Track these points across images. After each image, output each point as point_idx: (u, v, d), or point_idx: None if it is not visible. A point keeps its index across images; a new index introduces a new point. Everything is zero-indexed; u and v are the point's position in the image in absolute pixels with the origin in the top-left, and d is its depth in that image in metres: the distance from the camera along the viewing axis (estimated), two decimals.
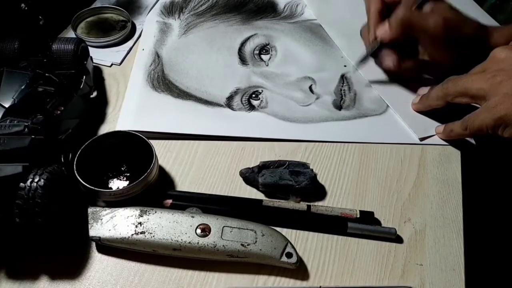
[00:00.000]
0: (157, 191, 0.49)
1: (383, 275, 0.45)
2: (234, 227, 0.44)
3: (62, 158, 0.48)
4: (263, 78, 0.61)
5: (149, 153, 0.48)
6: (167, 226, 0.44)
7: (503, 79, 0.48)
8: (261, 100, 0.59)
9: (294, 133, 0.55)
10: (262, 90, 0.60)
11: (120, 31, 0.66)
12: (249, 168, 0.51)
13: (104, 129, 0.56)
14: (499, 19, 0.68)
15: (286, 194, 0.50)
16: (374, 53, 0.59)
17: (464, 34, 0.55)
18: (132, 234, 0.44)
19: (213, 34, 0.67)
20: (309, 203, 0.49)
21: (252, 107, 0.58)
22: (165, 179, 0.51)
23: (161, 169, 0.52)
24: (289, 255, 0.44)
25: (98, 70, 0.62)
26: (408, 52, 0.58)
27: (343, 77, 0.62)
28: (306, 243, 0.47)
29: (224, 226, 0.44)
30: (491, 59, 0.51)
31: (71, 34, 0.66)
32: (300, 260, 0.44)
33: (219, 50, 0.65)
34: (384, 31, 0.56)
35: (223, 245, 0.43)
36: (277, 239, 0.44)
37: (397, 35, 0.55)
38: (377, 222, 0.48)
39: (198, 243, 0.43)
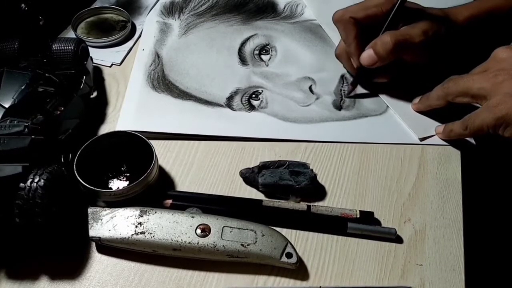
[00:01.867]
0: (157, 191, 0.49)
1: (383, 275, 0.45)
2: (234, 227, 0.44)
3: (62, 158, 0.48)
4: (263, 78, 0.61)
5: (149, 153, 0.48)
6: (167, 226, 0.44)
7: (504, 79, 0.48)
8: (261, 100, 0.59)
9: (294, 133, 0.55)
10: (262, 90, 0.60)
11: (120, 31, 0.66)
12: (249, 168, 0.51)
13: (104, 129, 0.56)
14: None
15: (286, 194, 0.50)
16: (359, 78, 0.59)
17: (441, 32, 0.55)
18: (132, 234, 0.44)
19: (213, 34, 0.67)
20: (309, 203, 0.49)
21: (252, 107, 0.58)
22: (165, 179, 0.51)
23: (161, 169, 0.52)
24: (289, 255, 0.44)
25: (98, 70, 0.62)
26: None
27: (343, 77, 0.62)
28: (306, 243, 0.47)
29: (224, 226, 0.44)
30: (492, 59, 0.51)
31: (71, 34, 0.66)
32: (300, 260, 0.44)
33: (219, 50, 0.65)
34: (370, 59, 0.55)
35: (223, 245, 0.43)
36: (277, 239, 0.44)
37: (387, 61, 0.55)
38: (377, 222, 0.48)
39: (198, 243, 0.43)
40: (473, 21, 0.57)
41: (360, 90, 0.60)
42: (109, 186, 0.47)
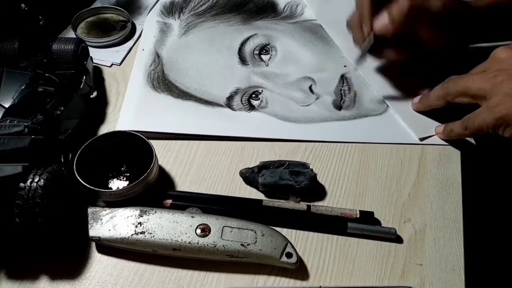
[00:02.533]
0: (157, 191, 0.49)
1: (383, 275, 0.45)
2: (234, 227, 0.44)
3: (62, 158, 0.48)
4: (263, 78, 0.61)
5: (149, 153, 0.48)
6: (167, 226, 0.44)
7: (504, 79, 0.48)
8: (261, 100, 0.59)
9: (294, 133, 0.55)
10: (262, 90, 0.60)
11: (120, 31, 0.66)
12: (249, 168, 0.51)
13: (104, 129, 0.56)
14: None
15: (286, 194, 0.50)
16: (371, 47, 0.57)
17: (459, 11, 0.54)
18: (132, 234, 0.44)
19: (213, 34, 0.67)
20: (309, 203, 0.49)
21: (252, 107, 0.58)
22: (165, 179, 0.51)
23: (161, 169, 0.52)
24: (289, 255, 0.44)
25: (98, 70, 0.62)
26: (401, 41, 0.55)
27: (343, 77, 0.62)
28: (306, 243, 0.47)
29: (224, 226, 0.44)
30: (492, 59, 0.51)
31: (71, 34, 0.66)
32: (300, 260, 0.44)
33: (219, 50, 0.65)
34: (384, 25, 0.53)
35: (223, 245, 0.43)
36: (277, 239, 0.44)
37: (401, 28, 0.53)
38: (377, 222, 0.48)
39: (198, 243, 0.43)
40: (495, 9, 0.55)
41: (359, 100, 0.59)
42: (109, 186, 0.47)
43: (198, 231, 0.44)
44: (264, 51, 0.64)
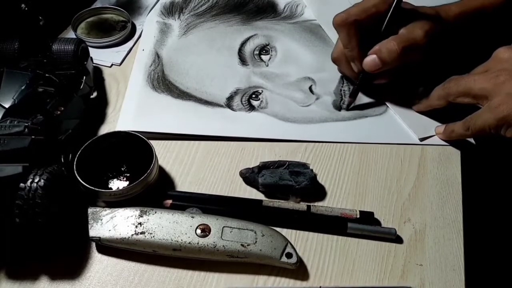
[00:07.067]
0: (157, 191, 0.49)
1: (383, 275, 0.45)
2: (234, 228, 0.44)
3: (62, 159, 0.48)
4: (263, 78, 0.61)
5: (149, 154, 0.48)
6: (167, 226, 0.44)
7: (506, 79, 0.48)
8: (261, 101, 0.59)
9: (294, 133, 0.55)
10: (262, 91, 0.60)
11: (120, 31, 0.66)
12: (249, 168, 0.51)
13: (104, 129, 0.56)
14: None
15: (286, 194, 0.50)
16: (362, 83, 0.58)
17: (437, 30, 0.54)
18: (132, 235, 0.44)
19: (213, 35, 0.67)
20: (309, 203, 0.49)
21: (252, 108, 0.58)
22: (165, 179, 0.52)
23: (161, 169, 0.52)
24: (289, 255, 0.44)
25: (98, 71, 0.62)
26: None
27: (343, 78, 0.62)
28: (306, 243, 0.47)
29: (224, 227, 0.44)
30: (493, 59, 0.51)
31: (71, 34, 0.66)
32: (300, 260, 0.44)
33: (219, 50, 0.65)
34: (374, 64, 0.54)
35: (223, 245, 0.43)
36: (277, 239, 0.44)
37: (392, 66, 0.54)
38: (377, 222, 0.48)
39: (198, 243, 0.43)
40: (463, 18, 0.57)
41: (358, 100, 0.59)
42: (109, 186, 0.47)
43: (198, 231, 0.44)
44: (264, 51, 0.64)
